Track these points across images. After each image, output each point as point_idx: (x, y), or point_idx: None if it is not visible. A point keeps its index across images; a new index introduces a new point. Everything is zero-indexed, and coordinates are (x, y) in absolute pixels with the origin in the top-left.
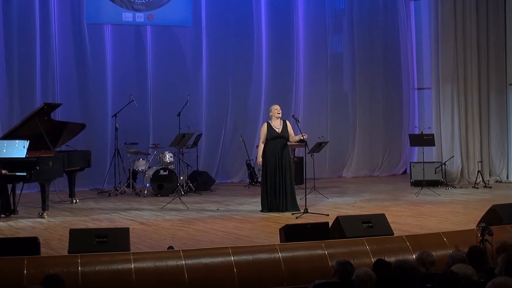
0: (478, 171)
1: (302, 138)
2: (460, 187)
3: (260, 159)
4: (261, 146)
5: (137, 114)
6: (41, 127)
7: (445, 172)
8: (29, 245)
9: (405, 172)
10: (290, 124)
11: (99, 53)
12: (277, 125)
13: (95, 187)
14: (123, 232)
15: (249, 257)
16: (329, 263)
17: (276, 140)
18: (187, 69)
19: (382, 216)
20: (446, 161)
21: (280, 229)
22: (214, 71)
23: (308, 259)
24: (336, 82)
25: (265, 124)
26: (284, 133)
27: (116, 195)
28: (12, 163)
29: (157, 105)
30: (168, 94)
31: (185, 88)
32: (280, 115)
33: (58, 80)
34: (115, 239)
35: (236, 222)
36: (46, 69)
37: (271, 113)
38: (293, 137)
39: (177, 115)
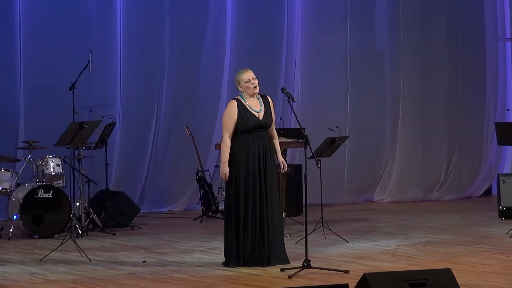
0: None
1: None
2: None
3: (226, 170)
4: (227, 143)
5: None
6: None
7: None
8: None
9: (488, 192)
10: (273, 103)
11: None
12: (254, 105)
13: None
14: None
15: None
16: None
17: (255, 133)
18: (89, 5)
19: (447, 272)
20: None
21: None
22: (137, 9)
23: None
24: (361, 29)
25: (233, 102)
26: (268, 120)
27: None
28: None
29: (32, 72)
30: (52, 51)
31: (84, 39)
32: (257, 90)
33: None
34: None
35: (180, 285)
36: None
37: (240, 86)
38: (273, 129)
39: (70, 89)
